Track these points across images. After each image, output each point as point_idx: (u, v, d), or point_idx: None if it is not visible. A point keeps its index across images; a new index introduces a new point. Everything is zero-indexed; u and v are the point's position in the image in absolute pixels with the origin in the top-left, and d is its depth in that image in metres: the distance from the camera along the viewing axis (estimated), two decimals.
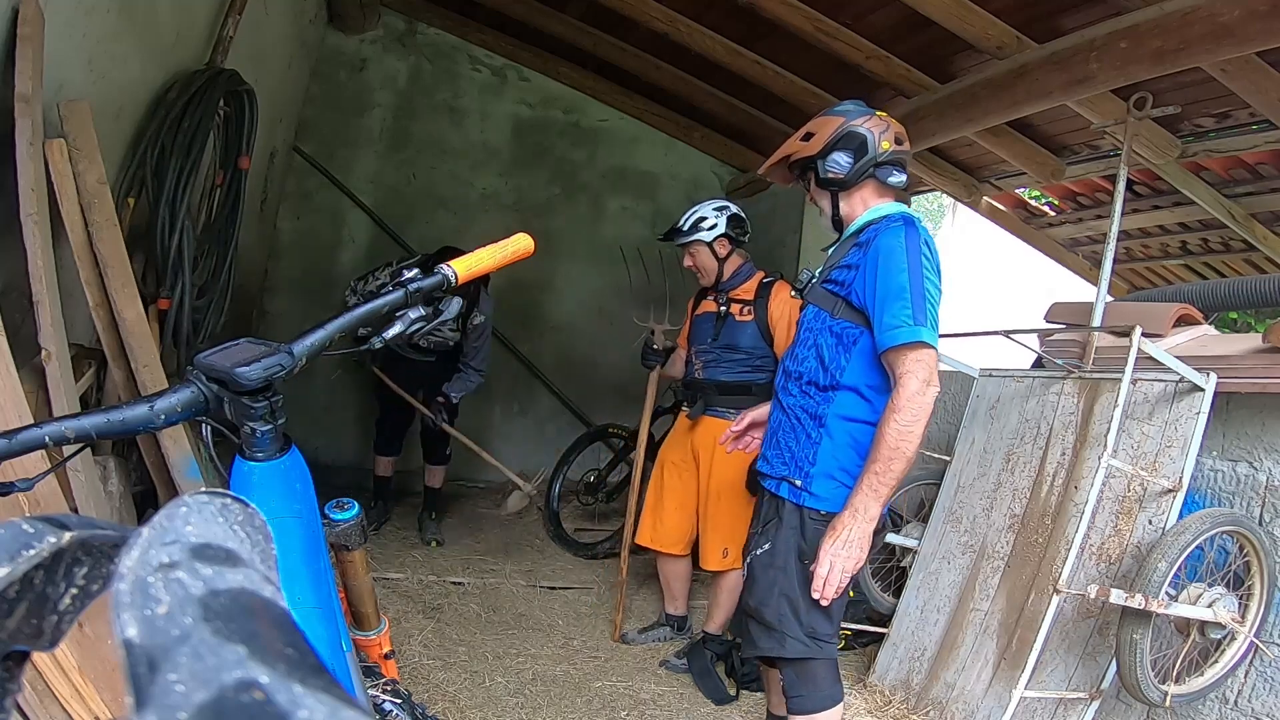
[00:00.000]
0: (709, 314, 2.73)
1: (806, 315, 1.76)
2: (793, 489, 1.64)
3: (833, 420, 1.62)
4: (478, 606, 3.04)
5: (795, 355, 1.74)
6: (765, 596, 1.63)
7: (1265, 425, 1.99)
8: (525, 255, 1.08)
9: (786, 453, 1.68)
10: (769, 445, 1.75)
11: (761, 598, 1.63)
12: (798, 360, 1.72)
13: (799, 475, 1.64)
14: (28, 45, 1.71)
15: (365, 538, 1.24)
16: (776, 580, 1.63)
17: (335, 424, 4.57)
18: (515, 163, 4.97)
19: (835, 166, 1.71)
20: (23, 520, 0.27)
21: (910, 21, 2.92)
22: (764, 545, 1.67)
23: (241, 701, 0.19)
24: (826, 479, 1.61)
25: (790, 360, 1.75)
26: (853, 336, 1.63)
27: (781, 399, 1.74)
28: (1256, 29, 2.08)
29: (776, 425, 1.75)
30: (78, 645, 1.29)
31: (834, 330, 1.65)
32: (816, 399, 1.66)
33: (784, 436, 1.70)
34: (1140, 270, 5.19)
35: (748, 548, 1.73)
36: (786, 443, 1.69)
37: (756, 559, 1.67)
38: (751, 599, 1.66)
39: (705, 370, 2.70)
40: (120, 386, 2.03)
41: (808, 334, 1.72)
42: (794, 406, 1.69)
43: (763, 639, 1.64)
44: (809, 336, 1.71)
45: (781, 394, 1.75)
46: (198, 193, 2.53)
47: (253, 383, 0.77)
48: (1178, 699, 1.80)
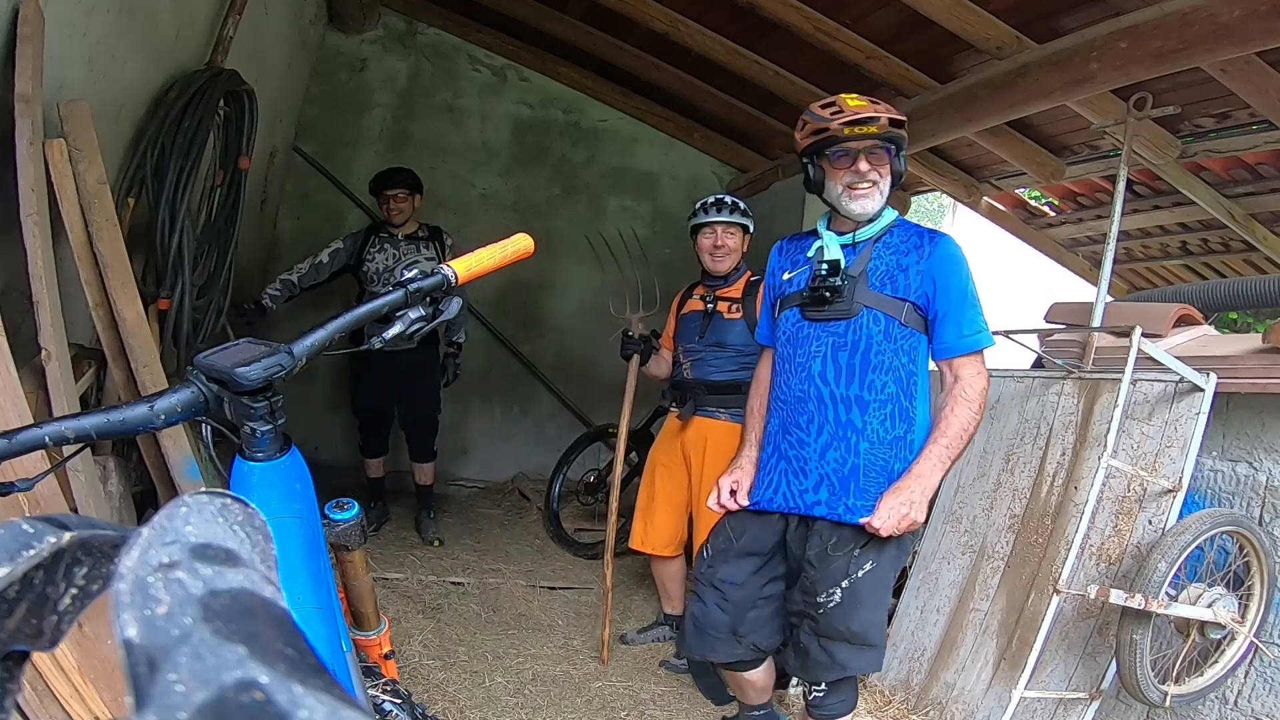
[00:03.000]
0: (695, 313, 2.73)
1: (859, 322, 1.60)
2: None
3: (920, 438, 1.62)
4: (478, 606, 3.03)
5: (863, 380, 1.58)
6: (873, 615, 1.59)
7: (1265, 425, 1.99)
8: (525, 255, 1.08)
9: (875, 496, 1.58)
10: (843, 493, 1.60)
11: (869, 618, 1.58)
12: (867, 386, 1.58)
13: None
14: (28, 45, 1.71)
15: (365, 538, 1.24)
16: (881, 599, 1.62)
17: (335, 424, 4.56)
18: (515, 163, 4.96)
19: (904, 162, 1.67)
20: (23, 520, 0.27)
21: (910, 21, 2.92)
22: (867, 565, 1.57)
23: (241, 701, 0.19)
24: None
25: (854, 387, 1.59)
26: (912, 344, 1.61)
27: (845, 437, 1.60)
28: (1256, 29, 2.08)
29: (850, 470, 1.60)
30: (78, 645, 1.29)
31: (895, 337, 1.59)
32: (900, 425, 1.60)
33: (869, 482, 1.59)
34: (1140, 270, 5.19)
35: (833, 574, 1.58)
36: (876, 487, 1.58)
37: (861, 581, 1.57)
38: (855, 622, 1.57)
39: (694, 369, 2.69)
40: (120, 386, 2.03)
41: (858, 344, 1.59)
42: (876, 442, 1.59)
43: (855, 659, 1.59)
44: (866, 347, 1.59)
45: (846, 430, 1.60)
46: (198, 193, 2.53)
47: (253, 383, 0.77)
48: (1178, 699, 1.80)
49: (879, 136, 1.59)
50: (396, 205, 3.55)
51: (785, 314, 1.71)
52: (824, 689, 1.64)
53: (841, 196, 1.64)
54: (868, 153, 1.61)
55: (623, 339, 2.79)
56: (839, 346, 1.61)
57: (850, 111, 1.57)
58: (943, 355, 1.63)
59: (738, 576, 1.70)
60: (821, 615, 1.59)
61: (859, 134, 1.57)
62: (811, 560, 1.61)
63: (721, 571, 1.71)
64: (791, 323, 1.69)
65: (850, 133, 1.57)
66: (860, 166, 1.61)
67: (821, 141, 1.61)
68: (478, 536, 3.95)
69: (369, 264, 3.57)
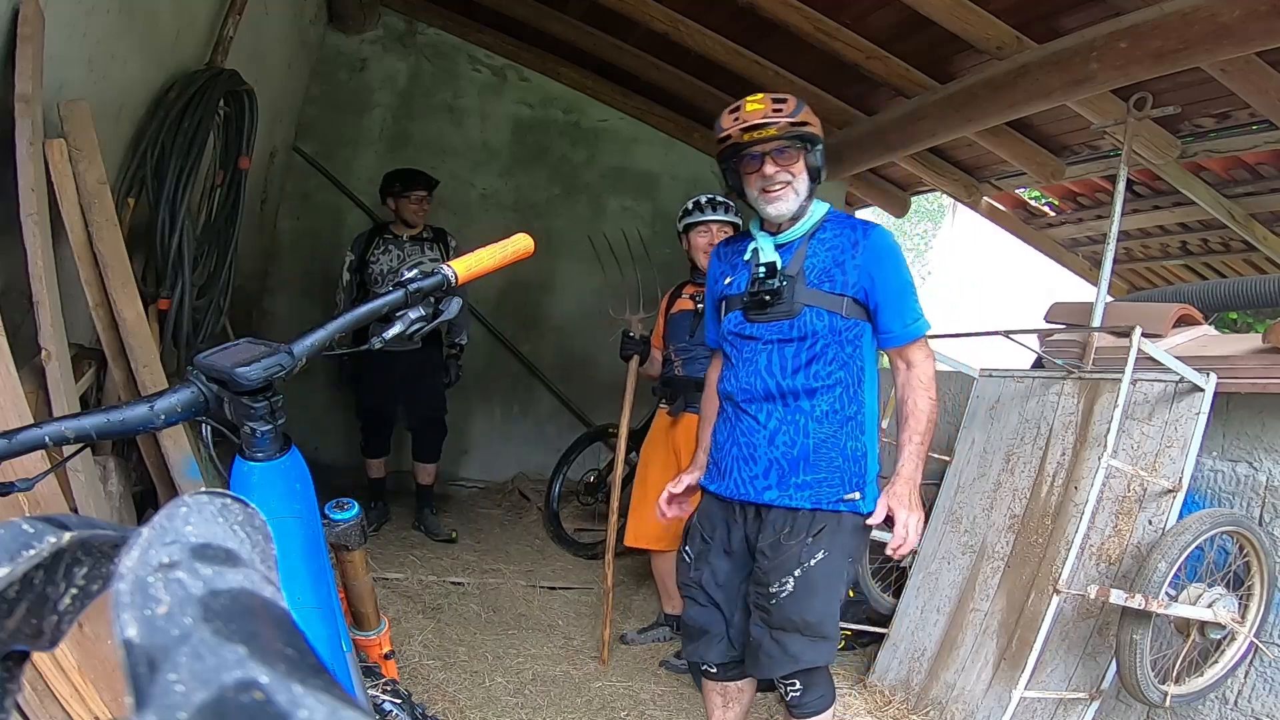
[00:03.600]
0: (686, 312, 2.78)
1: (803, 320, 1.61)
2: (850, 503, 1.61)
3: (870, 421, 1.66)
4: (478, 606, 3.03)
5: (809, 371, 1.61)
6: (827, 606, 1.58)
7: (1265, 425, 1.99)
8: (525, 255, 1.08)
9: (833, 474, 1.61)
10: (792, 474, 1.61)
11: (822, 609, 1.58)
12: (814, 376, 1.61)
13: (856, 488, 1.62)
14: (28, 45, 1.71)
15: (365, 538, 1.24)
16: (835, 589, 1.61)
17: (335, 424, 4.56)
18: (515, 163, 4.96)
19: (821, 156, 1.65)
20: (23, 520, 0.27)
21: (910, 21, 2.93)
22: (817, 555, 1.57)
23: (241, 701, 0.19)
24: (874, 483, 1.65)
25: (800, 378, 1.61)
26: (856, 333, 1.63)
27: (795, 420, 1.62)
28: (1256, 29, 2.09)
29: (800, 451, 1.61)
30: (78, 645, 1.29)
31: (839, 330, 1.61)
32: (850, 406, 1.62)
33: (819, 459, 1.60)
34: (1140, 270, 5.20)
35: (784, 563, 1.58)
36: (827, 463, 1.60)
37: (813, 569, 1.56)
38: (809, 612, 1.56)
39: (684, 367, 2.74)
40: (120, 386, 2.03)
41: (803, 340, 1.61)
42: (825, 421, 1.61)
43: (808, 651, 1.58)
44: (811, 341, 1.61)
45: (795, 414, 1.62)
46: (198, 193, 2.53)
47: (253, 383, 0.77)
48: (1178, 699, 1.80)
49: (782, 137, 1.58)
50: (421, 208, 3.55)
51: (730, 315, 1.71)
52: (800, 688, 1.64)
53: (758, 200, 1.64)
54: (774, 155, 1.60)
55: (623, 339, 2.81)
56: (784, 343, 1.63)
57: (745, 117, 1.57)
58: (890, 344, 1.66)
59: (720, 575, 1.72)
60: (774, 606, 1.58)
61: (758, 138, 1.57)
62: (764, 550, 1.61)
63: (705, 573, 1.73)
64: (736, 323, 1.69)
65: (749, 138, 1.57)
66: (766, 170, 1.60)
67: (727, 149, 1.62)
68: (478, 536, 3.95)
69: (373, 265, 3.56)
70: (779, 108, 1.57)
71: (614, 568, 2.75)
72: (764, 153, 1.59)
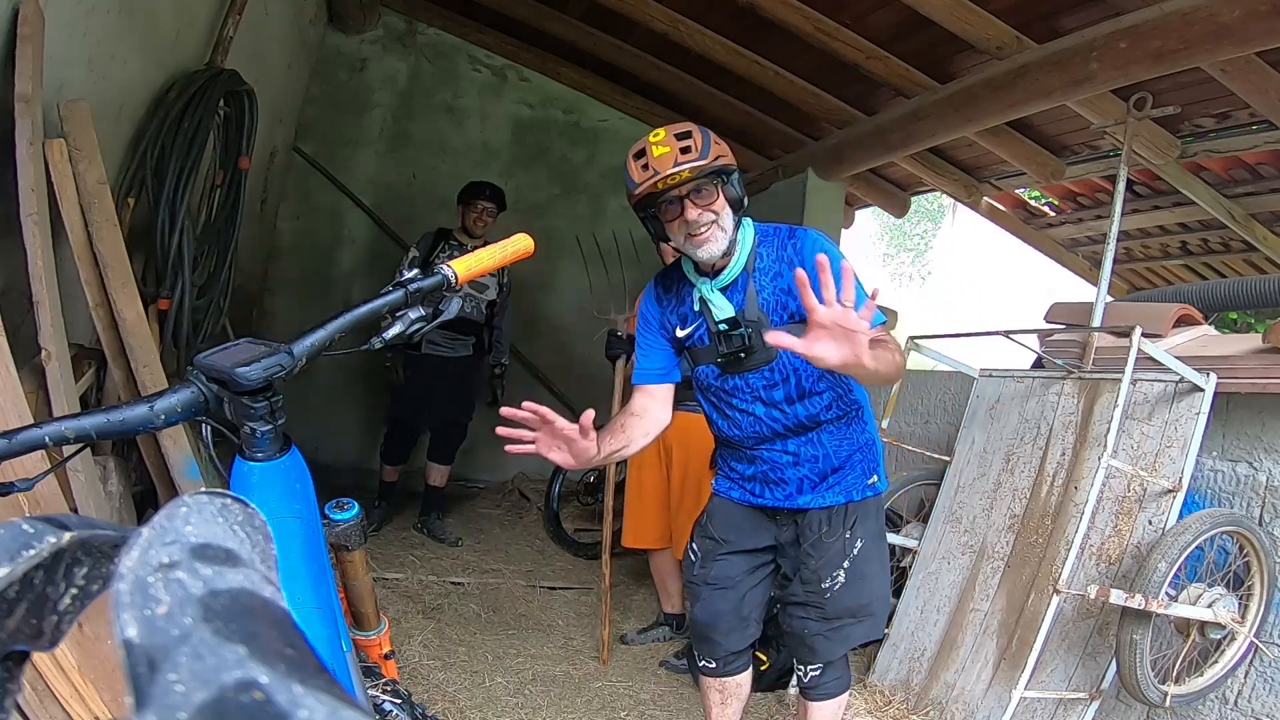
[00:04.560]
0: None
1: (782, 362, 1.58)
2: (871, 487, 1.68)
3: (866, 408, 1.71)
4: (478, 606, 3.03)
5: (807, 401, 1.60)
6: (877, 588, 1.68)
7: (1265, 425, 1.99)
8: (525, 255, 1.08)
9: (855, 468, 1.66)
10: (822, 483, 1.65)
11: (872, 591, 1.66)
12: (811, 402, 1.61)
13: (874, 471, 1.69)
14: (28, 45, 1.71)
15: (365, 538, 1.24)
16: (881, 568, 1.70)
17: (335, 424, 4.57)
18: (515, 163, 4.96)
19: (738, 184, 1.56)
20: (23, 520, 0.27)
21: (910, 21, 2.92)
22: (858, 544, 1.64)
23: (241, 701, 0.19)
24: (884, 460, 1.73)
25: (799, 409, 1.61)
26: None
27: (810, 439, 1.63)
28: (1256, 29, 2.09)
29: (824, 463, 1.64)
30: (78, 645, 1.29)
31: None
32: (849, 406, 1.65)
33: (840, 460, 1.65)
34: (1140, 270, 5.20)
35: (832, 559, 1.63)
36: (848, 460, 1.65)
37: (857, 559, 1.64)
38: (862, 596, 1.65)
39: None
40: (120, 386, 2.03)
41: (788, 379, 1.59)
42: (835, 429, 1.64)
43: (858, 630, 1.67)
44: (796, 377, 1.59)
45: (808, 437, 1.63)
46: (198, 193, 2.53)
47: (253, 383, 0.77)
48: (1178, 699, 1.80)
49: (697, 177, 1.48)
50: (483, 219, 3.62)
51: (703, 369, 1.67)
52: (819, 669, 1.70)
53: (686, 245, 1.55)
54: (692, 196, 1.51)
55: (609, 339, 2.82)
56: (771, 387, 1.60)
57: (655, 165, 1.47)
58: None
59: (731, 571, 1.74)
60: (829, 600, 1.64)
61: (672, 184, 1.48)
62: (809, 551, 1.66)
63: (715, 571, 1.74)
64: (715, 378, 1.65)
65: (663, 185, 1.48)
66: (688, 215, 1.50)
67: (643, 201, 1.54)
68: (478, 536, 3.95)
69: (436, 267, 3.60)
70: (686, 146, 1.47)
71: (613, 568, 2.76)
72: (681, 196, 1.50)
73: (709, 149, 1.49)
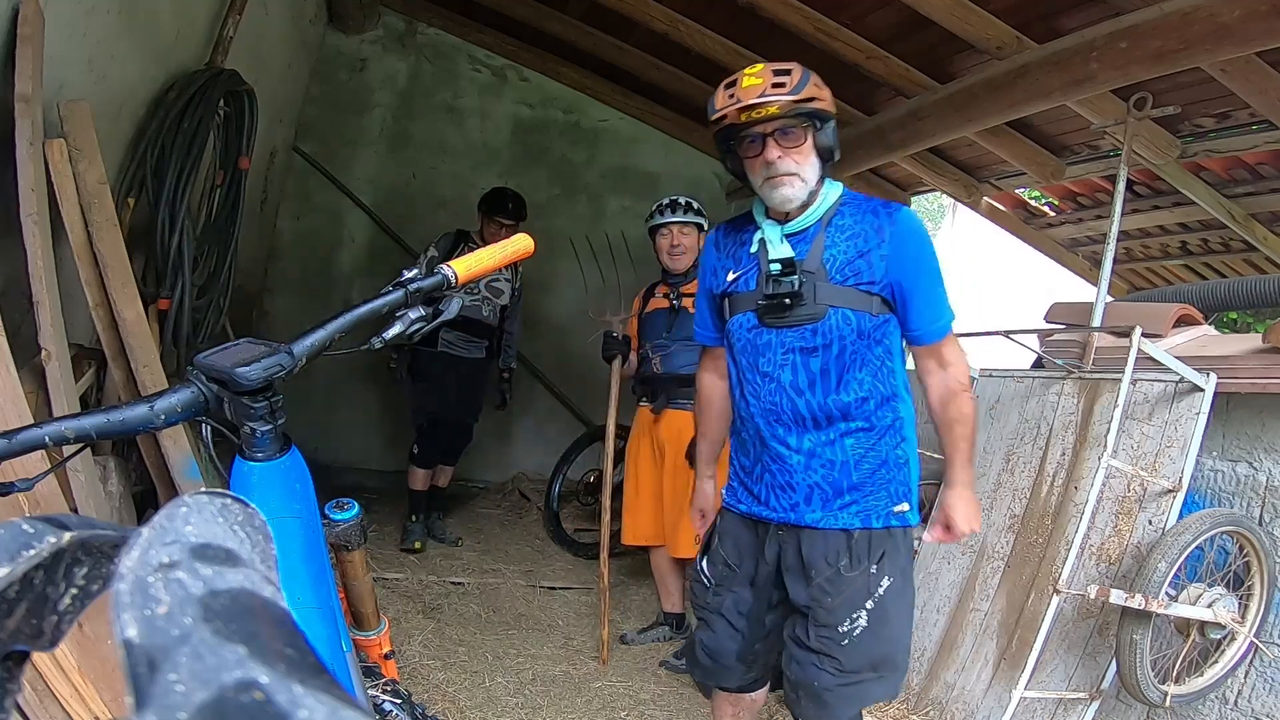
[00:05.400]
0: (661, 310, 2.83)
1: (828, 325, 1.40)
2: (900, 516, 1.48)
3: (909, 425, 1.51)
4: (478, 606, 3.03)
5: (841, 386, 1.42)
6: (901, 636, 1.47)
7: (1265, 425, 1.99)
8: (525, 255, 1.08)
9: (879, 488, 1.46)
10: (835, 496, 1.45)
11: (897, 639, 1.45)
12: (845, 389, 1.42)
13: (903, 498, 1.48)
14: (28, 45, 1.71)
15: (365, 538, 1.24)
16: (907, 613, 1.49)
17: (335, 424, 4.56)
18: (515, 163, 4.96)
19: (833, 134, 1.42)
20: (23, 520, 0.27)
21: (910, 21, 2.92)
22: (884, 582, 1.42)
23: (241, 701, 0.19)
24: (917, 491, 1.53)
25: (830, 398, 1.43)
26: (885, 331, 1.44)
27: (830, 440, 1.45)
28: (1256, 29, 2.08)
29: (841, 471, 1.45)
30: (78, 645, 1.29)
31: (867, 331, 1.42)
32: (887, 413, 1.46)
33: (862, 474, 1.45)
34: (1140, 270, 5.19)
35: (852, 598, 1.42)
36: (871, 476, 1.45)
37: (884, 599, 1.42)
38: (886, 644, 1.43)
39: (663, 364, 2.79)
40: (120, 386, 2.03)
41: (829, 347, 1.41)
42: (864, 435, 1.45)
43: (877, 688, 1.45)
44: (839, 349, 1.41)
45: (830, 434, 1.45)
46: (198, 193, 2.53)
47: (253, 383, 0.77)
48: (1178, 699, 1.80)
49: (785, 116, 1.35)
50: (501, 236, 3.52)
51: (739, 319, 1.49)
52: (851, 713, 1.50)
53: (762, 188, 1.43)
54: (777, 137, 1.37)
55: (606, 340, 2.84)
56: (808, 352, 1.42)
57: (741, 94, 1.34)
58: (921, 342, 1.48)
59: (744, 605, 1.56)
60: (846, 647, 1.41)
61: (757, 118, 1.35)
62: (823, 587, 1.43)
63: (728, 600, 1.57)
64: (748, 329, 1.47)
65: (746, 118, 1.36)
66: (769, 155, 1.38)
67: (723, 133, 1.43)
68: (478, 536, 3.95)
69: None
70: (780, 82, 1.34)
71: (612, 567, 2.77)
72: (765, 134, 1.37)
73: (804, 87, 1.35)
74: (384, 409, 4.67)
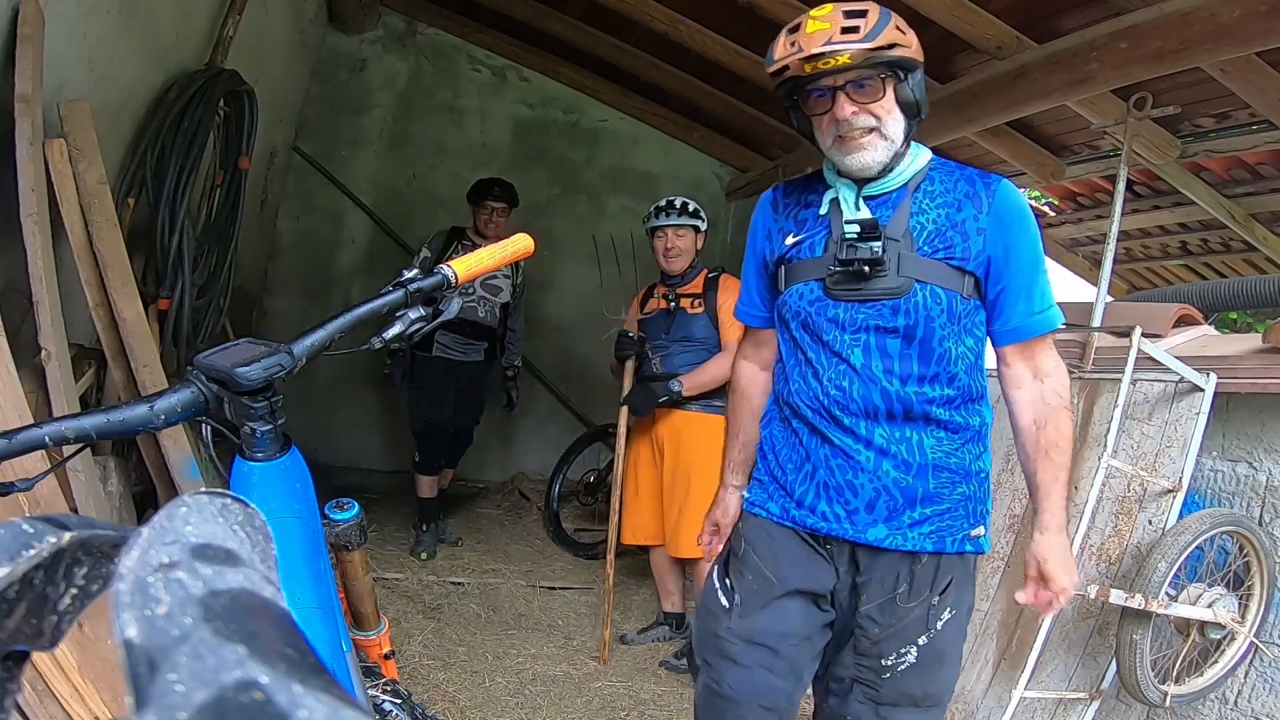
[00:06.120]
0: (660, 311, 2.84)
1: (913, 302, 1.18)
2: (975, 541, 1.27)
3: (989, 433, 1.30)
4: (478, 606, 3.04)
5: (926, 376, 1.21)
6: (952, 673, 1.28)
7: (1265, 425, 1.99)
8: (525, 255, 1.08)
9: (957, 504, 1.24)
10: (907, 506, 1.22)
11: (947, 678, 1.27)
12: (932, 382, 1.21)
13: (980, 520, 1.27)
14: (28, 45, 1.71)
15: (365, 538, 1.24)
16: (960, 650, 1.29)
17: (335, 424, 4.57)
18: (515, 163, 4.96)
19: (920, 87, 1.22)
20: (23, 520, 0.27)
21: (910, 21, 2.88)
22: (944, 616, 1.23)
23: (241, 701, 0.19)
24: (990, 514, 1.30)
25: (912, 388, 1.21)
26: (978, 319, 1.25)
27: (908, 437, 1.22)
28: (1256, 29, 2.08)
29: (917, 475, 1.22)
30: (78, 645, 1.29)
31: (959, 315, 1.21)
32: (973, 415, 1.27)
33: (940, 484, 1.23)
34: (1140, 270, 5.19)
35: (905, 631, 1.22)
36: (950, 489, 1.24)
37: (940, 634, 1.23)
38: (932, 683, 1.24)
39: (663, 364, 2.79)
40: (120, 386, 2.03)
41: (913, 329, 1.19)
42: (948, 438, 1.24)
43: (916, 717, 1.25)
44: (925, 332, 1.19)
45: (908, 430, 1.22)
46: (198, 193, 2.53)
47: (253, 383, 0.77)
48: (1178, 699, 1.80)
49: (859, 66, 1.14)
50: (493, 220, 3.51)
51: (798, 289, 1.26)
52: None
53: (833, 151, 1.22)
54: (851, 89, 1.16)
55: (620, 340, 2.84)
56: (886, 332, 1.20)
57: (804, 42, 1.14)
58: (1011, 340, 1.26)
59: (787, 625, 1.25)
60: (887, 680, 1.22)
61: (825, 70, 1.14)
62: (872, 615, 1.23)
63: (762, 622, 1.25)
64: (811, 301, 1.24)
65: (812, 70, 1.14)
66: (841, 112, 1.17)
67: (785, 86, 1.22)
68: (478, 536, 3.95)
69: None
70: (853, 25, 1.13)
71: (614, 567, 2.77)
72: (835, 87, 1.16)
73: (881, 31, 1.14)
74: (384, 409, 4.68)
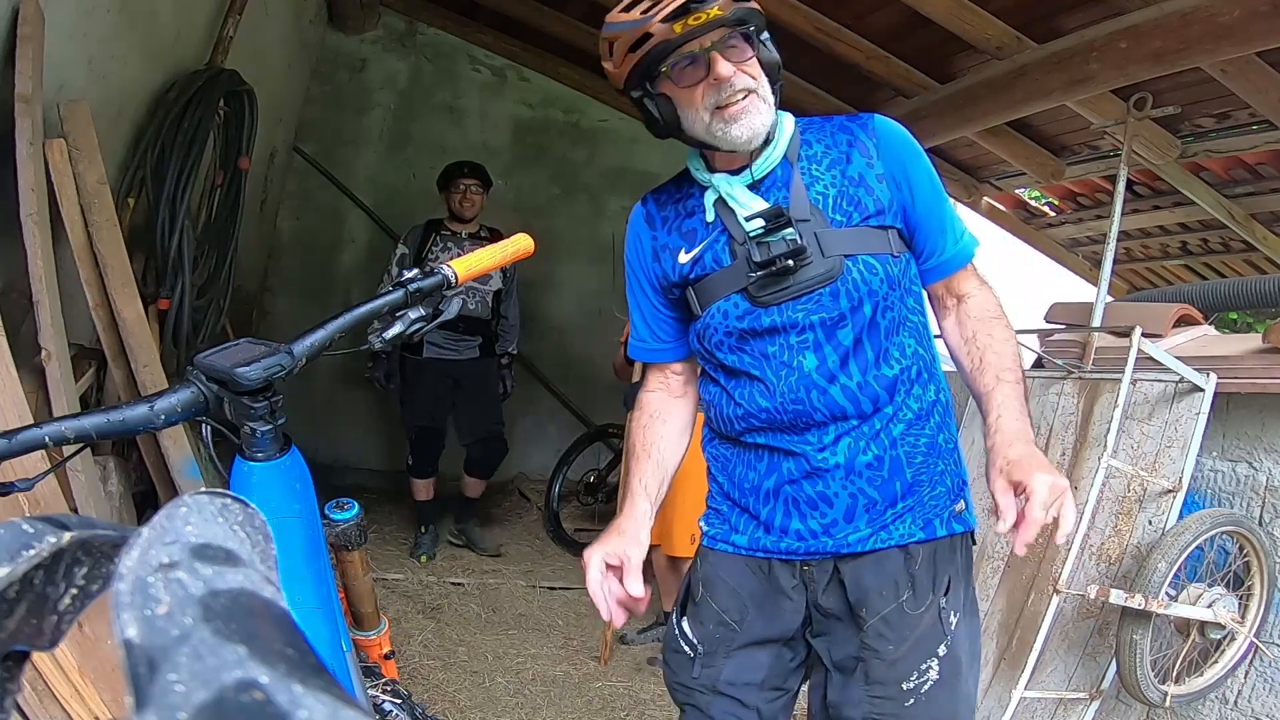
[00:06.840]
0: None
1: (850, 280, 1.06)
2: (961, 517, 1.14)
3: (949, 401, 1.18)
4: (478, 606, 3.04)
5: (883, 358, 1.08)
6: (971, 688, 1.11)
7: (1265, 425, 1.99)
8: (525, 255, 1.08)
9: (935, 483, 1.12)
10: (887, 503, 1.09)
11: (969, 690, 1.10)
12: (889, 361, 1.09)
13: (961, 494, 1.16)
14: (28, 45, 1.71)
15: (365, 538, 1.24)
16: (979, 653, 1.15)
17: (335, 424, 4.57)
18: (515, 163, 4.96)
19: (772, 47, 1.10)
20: (23, 520, 0.27)
21: (910, 22, 2.93)
22: (954, 614, 1.08)
23: (241, 702, 0.19)
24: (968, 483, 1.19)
25: (872, 375, 1.08)
26: (910, 277, 1.13)
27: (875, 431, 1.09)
28: (1256, 29, 2.08)
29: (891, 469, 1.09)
30: (78, 645, 1.29)
31: (895, 278, 1.09)
32: (930, 386, 1.14)
33: (915, 469, 1.10)
34: (1140, 270, 5.19)
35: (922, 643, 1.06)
36: (927, 470, 1.11)
37: (957, 638, 1.08)
38: (959, 699, 1.08)
39: None
40: (120, 386, 2.03)
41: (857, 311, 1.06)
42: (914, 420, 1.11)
43: None
44: (872, 310, 1.07)
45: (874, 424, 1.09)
46: (198, 193, 2.53)
47: (253, 383, 0.77)
48: (1178, 699, 1.80)
49: (725, 22, 1.01)
50: (467, 197, 3.41)
51: (719, 307, 1.12)
52: None
53: (713, 126, 1.06)
54: (722, 48, 1.03)
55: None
56: (832, 324, 1.07)
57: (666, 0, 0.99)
58: (945, 272, 1.16)
59: (754, 674, 1.14)
60: (911, 709, 1.05)
61: (696, 26, 1.00)
62: (881, 631, 1.06)
63: (728, 670, 1.13)
64: (739, 316, 1.10)
65: (682, 29, 1.00)
66: (720, 71, 1.03)
67: (646, 59, 1.03)
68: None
69: (430, 263, 3.51)
70: None
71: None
72: (707, 49, 1.03)
73: None
74: (384, 409, 4.67)
